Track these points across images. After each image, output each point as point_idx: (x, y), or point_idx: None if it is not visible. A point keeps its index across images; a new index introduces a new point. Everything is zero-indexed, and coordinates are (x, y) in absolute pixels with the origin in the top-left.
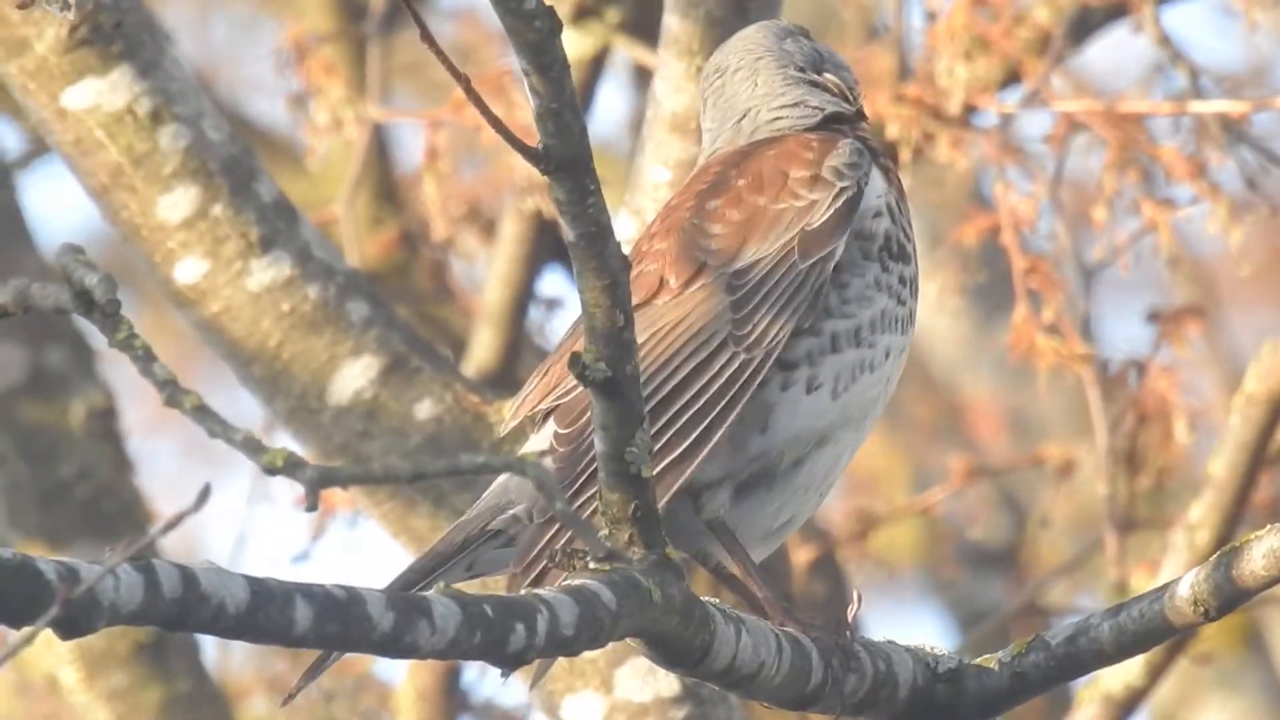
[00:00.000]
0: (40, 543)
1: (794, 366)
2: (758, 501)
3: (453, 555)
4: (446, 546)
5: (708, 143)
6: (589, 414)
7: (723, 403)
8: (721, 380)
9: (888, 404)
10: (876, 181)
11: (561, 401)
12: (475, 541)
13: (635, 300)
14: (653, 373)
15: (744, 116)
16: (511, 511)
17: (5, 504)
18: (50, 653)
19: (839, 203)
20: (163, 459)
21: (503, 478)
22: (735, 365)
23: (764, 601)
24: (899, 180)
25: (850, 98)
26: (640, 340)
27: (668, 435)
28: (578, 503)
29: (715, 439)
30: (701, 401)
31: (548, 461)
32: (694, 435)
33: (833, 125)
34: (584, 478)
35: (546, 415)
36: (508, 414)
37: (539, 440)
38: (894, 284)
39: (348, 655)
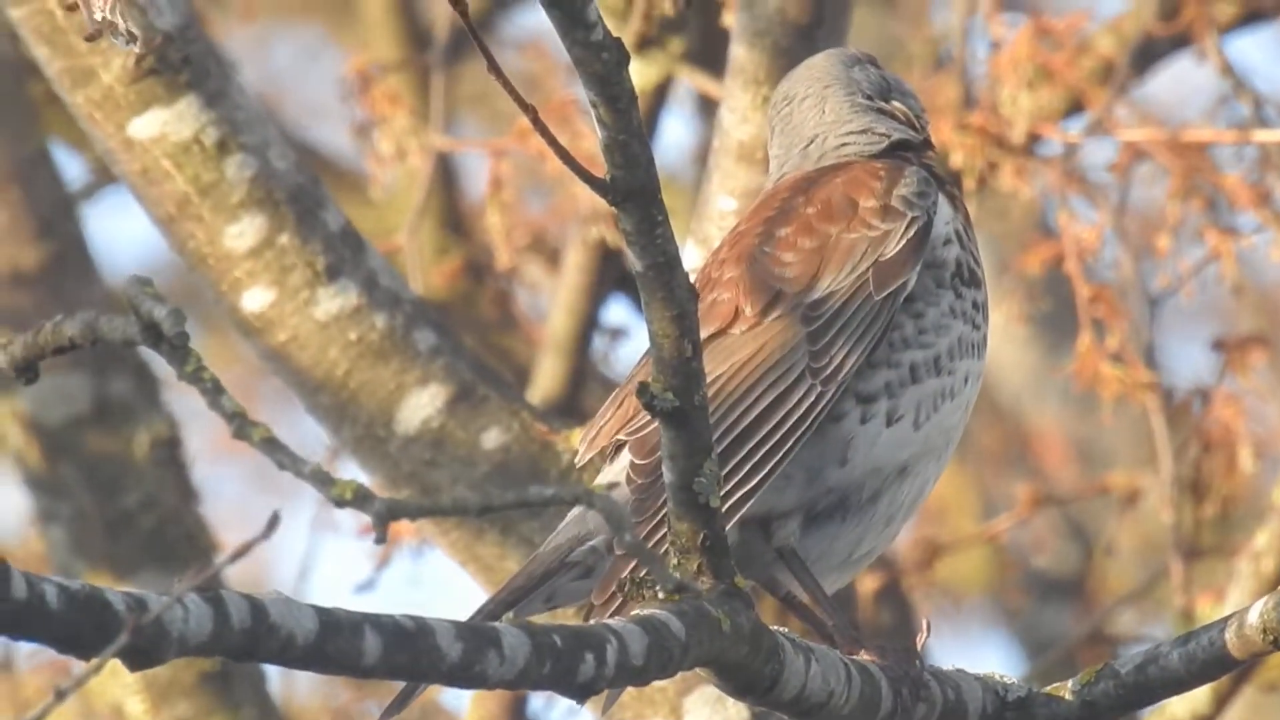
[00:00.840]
0: (105, 572)
1: (873, 399)
2: (831, 532)
3: (532, 588)
4: (526, 579)
5: (774, 169)
6: None
7: (799, 434)
8: (799, 413)
9: None
10: (944, 209)
11: (638, 434)
12: (554, 574)
13: (710, 329)
14: (732, 404)
15: (811, 143)
16: (590, 544)
17: (71, 533)
18: (116, 682)
19: (911, 233)
20: (227, 487)
21: (579, 509)
22: (812, 398)
23: (833, 630)
24: (965, 206)
25: (917, 125)
26: (719, 371)
27: (746, 467)
28: (659, 535)
29: (779, 469)
30: (780, 434)
31: (617, 493)
32: (769, 466)
33: (899, 152)
34: (663, 509)
35: (619, 447)
36: (581, 444)
37: (613, 472)
38: (968, 309)
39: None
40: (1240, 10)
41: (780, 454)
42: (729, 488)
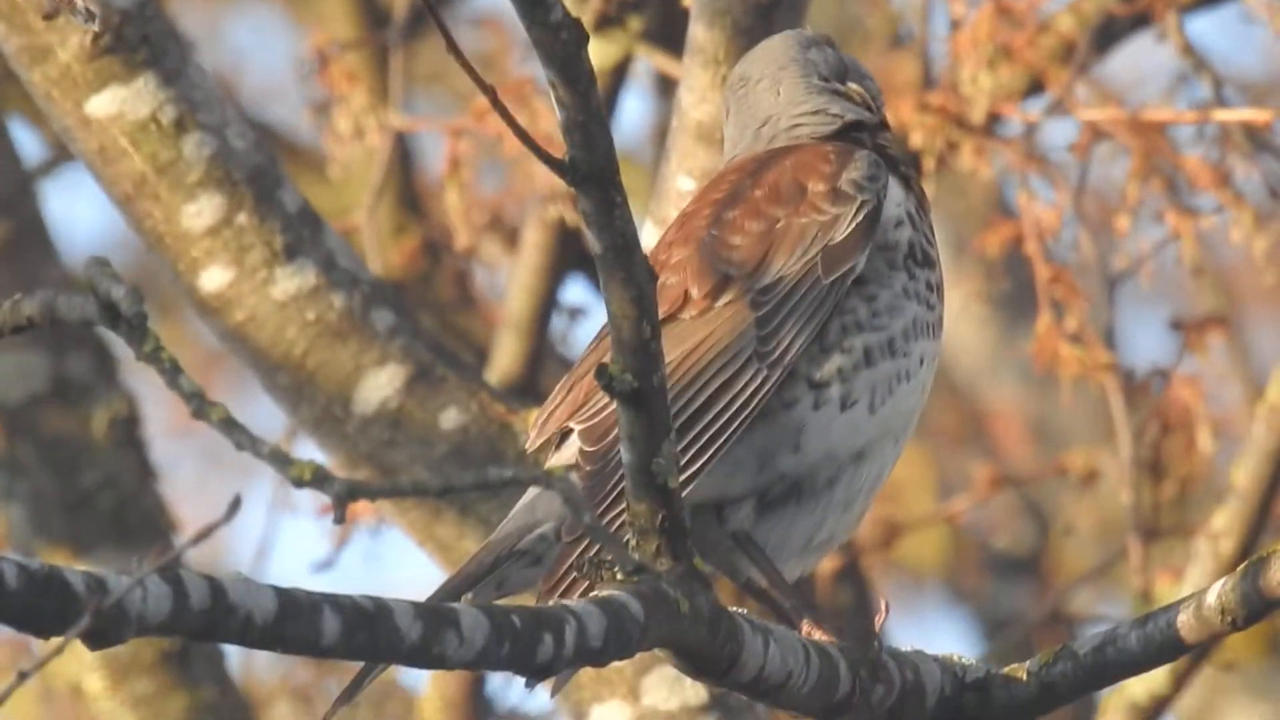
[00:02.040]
0: (64, 551)
1: (825, 385)
2: (788, 517)
3: (483, 575)
4: (477, 567)
5: (728, 150)
6: (615, 433)
7: (743, 417)
8: (745, 396)
9: None
10: (895, 191)
11: (588, 422)
12: (505, 561)
13: (660, 313)
14: (680, 389)
15: (764, 124)
16: (539, 531)
17: (29, 512)
18: (75, 660)
19: (860, 217)
20: (185, 466)
21: (529, 496)
22: (758, 381)
23: (790, 611)
24: (920, 188)
25: (873, 107)
26: (669, 357)
27: (692, 451)
28: (604, 521)
29: (723, 453)
30: (725, 417)
31: (575, 475)
32: (714, 449)
33: (853, 134)
34: (611, 497)
35: (565, 434)
36: (532, 430)
37: (562, 459)
38: (922, 290)
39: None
40: None
41: (725, 437)
42: (683, 471)
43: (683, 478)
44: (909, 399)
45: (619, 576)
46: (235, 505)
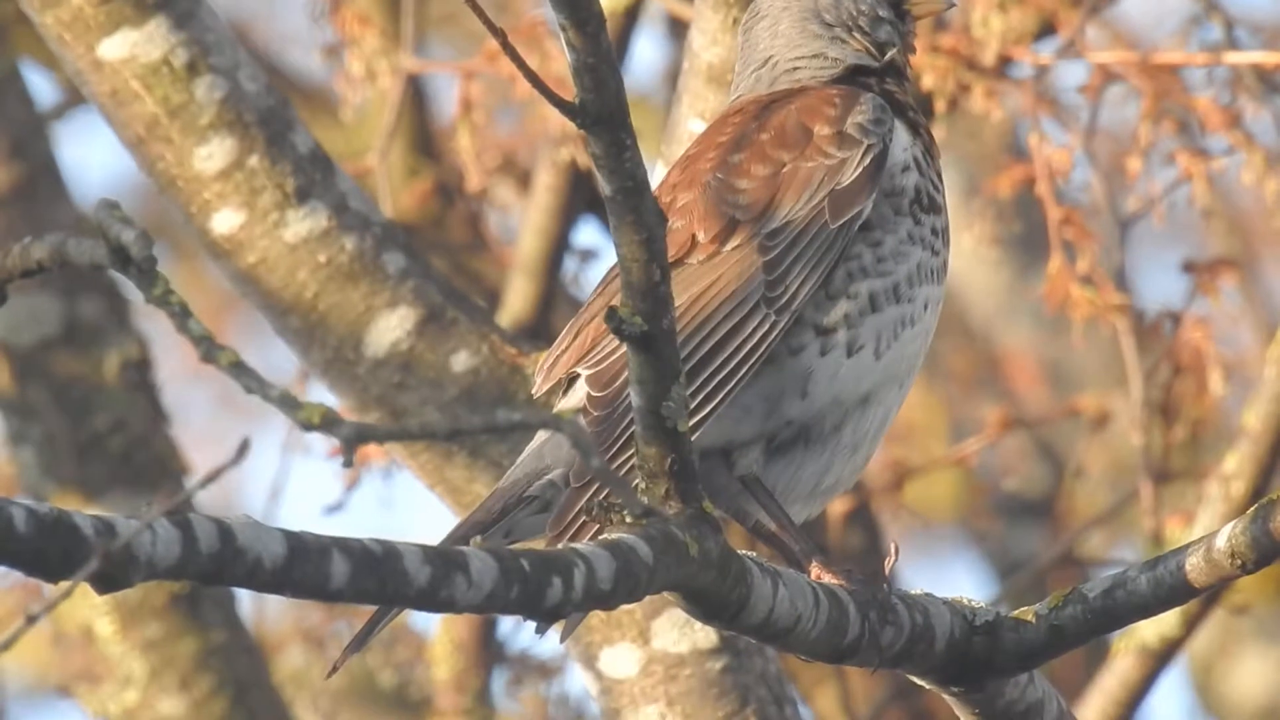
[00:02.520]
0: (75, 494)
1: (832, 331)
2: (796, 461)
3: (491, 523)
4: (485, 514)
5: (733, 89)
6: (624, 377)
7: (752, 362)
8: (753, 341)
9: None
10: (902, 135)
11: (596, 367)
12: (512, 509)
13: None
14: (688, 335)
15: (764, 65)
16: (548, 477)
17: (40, 456)
18: (85, 604)
19: (867, 160)
20: (197, 410)
21: (537, 442)
22: (766, 326)
23: (799, 554)
24: (928, 132)
25: (876, 54)
26: (677, 301)
27: (700, 396)
28: (612, 466)
29: (731, 397)
30: (734, 363)
31: (582, 419)
32: (722, 394)
33: (859, 78)
34: (620, 442)
35: (573, 379)
36: (537, 375)
37: (569, 404)
38: (927, 236)
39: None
40: None
41: (733, 382)
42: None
43: (691, 422)
44: (913, 343)
45: (628, 520)
46: (244, 448)
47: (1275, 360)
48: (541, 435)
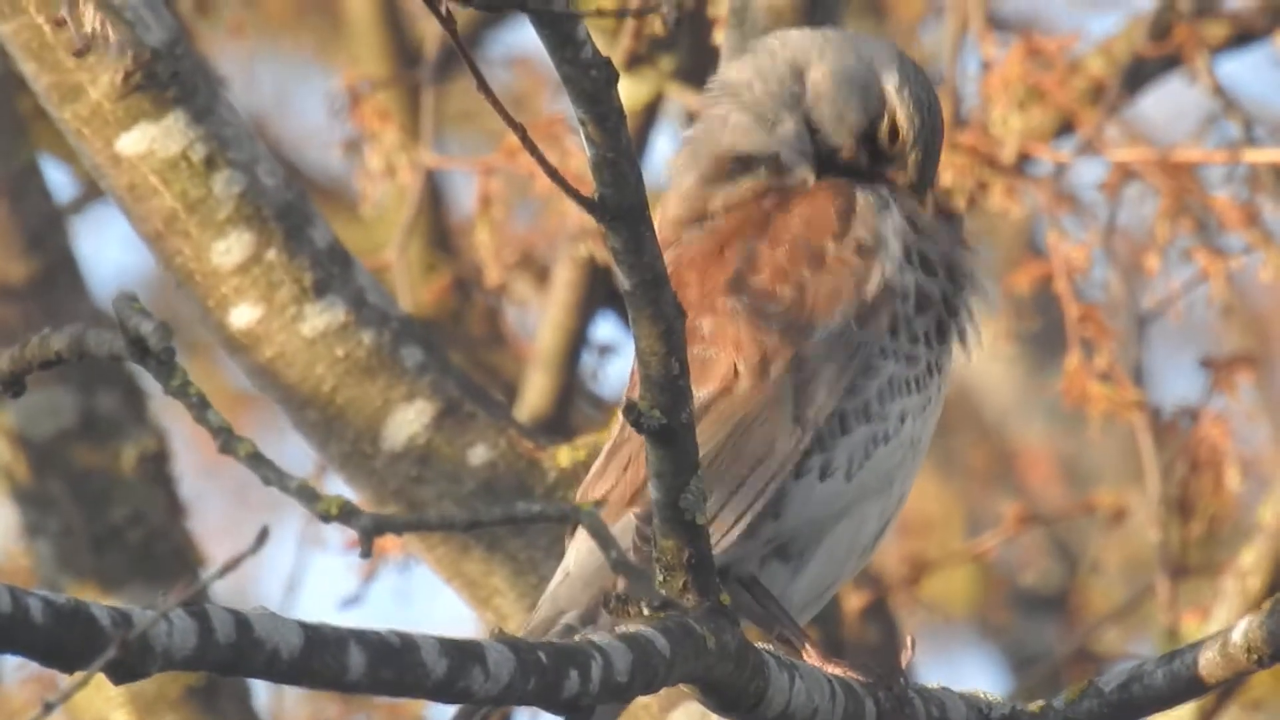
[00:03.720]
0: (92, 586)
1: (807, 454)
2: (776, 575)
3: None
4: None
5: (677, 174)
6: None
7: (779, 479)
8: (780, 458)
9: (942, 450)
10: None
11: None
12: None
13: (711, 390)
14: (730, 463)
15: (704, 154)
16: (564, 621)
17: (58, 548)
18: (100, 696)
19: (886, 265)
20: (214, 503)
21: (553, 586)
22: (792, 443)
23: (807, 646)
24: (912, 200)
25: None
26: (721, 435)
27: (732, 518)
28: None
29: (755, 513)
30: (763, 483)
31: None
32: (748, 514)
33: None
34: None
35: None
36: (581, 492)
37: (620, 531)
38: (899, 347)
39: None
40: (1230, 31)
41: (761, 501)
42: (716, 539)
43: (722, 544)
44: (890, 458)
45: (645, 612)
46: (263, 536)
47: None
48: (556, 579)
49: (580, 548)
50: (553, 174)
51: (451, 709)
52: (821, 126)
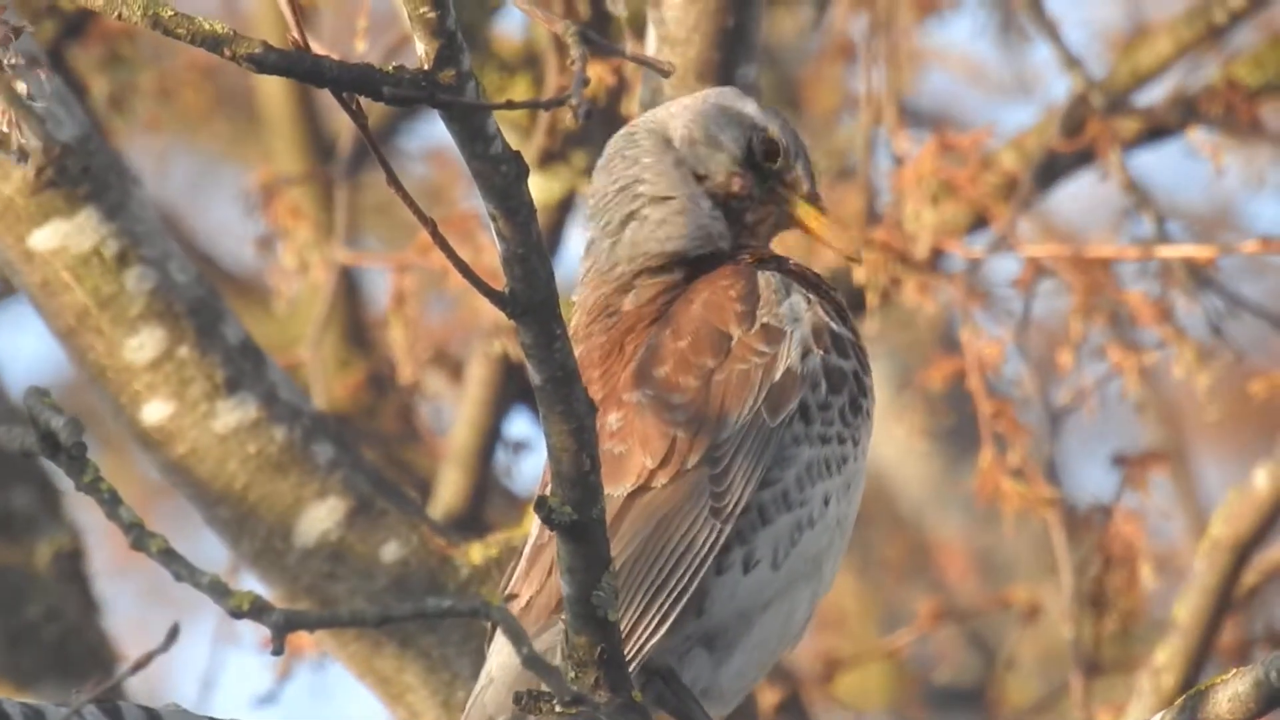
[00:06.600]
0: (7, 683)
1: (729, 547)
2: (703, 664)
3: None
4: None
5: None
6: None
7: (699, 572)
8: (702, 553)
9: (858, 543)
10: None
11: None
12: None
13: (627, 486)
14: (648, 560)
15: (616, 241)
16: None
17: None
18: None
19: (795, 350)
20: (128, 600)
21: (478, 690)
22: (713, 537)
23: None
24: (812, 280)
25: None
26: (641, 532)
27: (651, 615)
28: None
29: (677, 611)
30: (684, 578)
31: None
32: (670, 612)
33: (740, 256)
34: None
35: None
36: (502, 593)
37: (550, 638)
38: (814, 431)
39: None
40: (1143, 125)
41: (684, 597)
42: (637, 638)
43: (647, 643)
44: (816, 542)
45: (558, 709)
46: (174, 633)
47: (1205, 554)
48: (480, 683)
49: (501, 650)
50: (463, 269)
51: None
52: (704, 169)
